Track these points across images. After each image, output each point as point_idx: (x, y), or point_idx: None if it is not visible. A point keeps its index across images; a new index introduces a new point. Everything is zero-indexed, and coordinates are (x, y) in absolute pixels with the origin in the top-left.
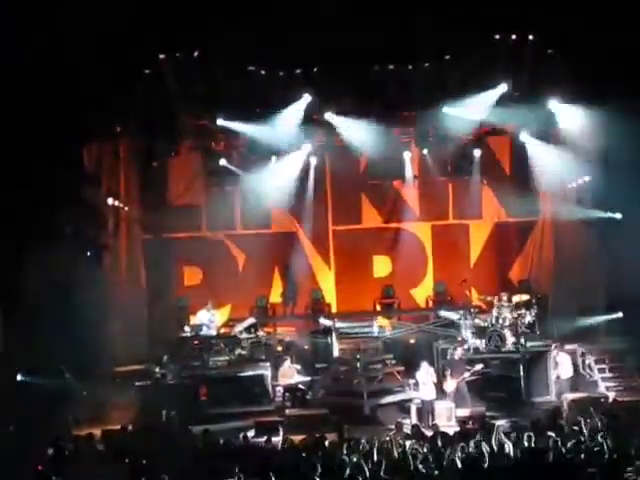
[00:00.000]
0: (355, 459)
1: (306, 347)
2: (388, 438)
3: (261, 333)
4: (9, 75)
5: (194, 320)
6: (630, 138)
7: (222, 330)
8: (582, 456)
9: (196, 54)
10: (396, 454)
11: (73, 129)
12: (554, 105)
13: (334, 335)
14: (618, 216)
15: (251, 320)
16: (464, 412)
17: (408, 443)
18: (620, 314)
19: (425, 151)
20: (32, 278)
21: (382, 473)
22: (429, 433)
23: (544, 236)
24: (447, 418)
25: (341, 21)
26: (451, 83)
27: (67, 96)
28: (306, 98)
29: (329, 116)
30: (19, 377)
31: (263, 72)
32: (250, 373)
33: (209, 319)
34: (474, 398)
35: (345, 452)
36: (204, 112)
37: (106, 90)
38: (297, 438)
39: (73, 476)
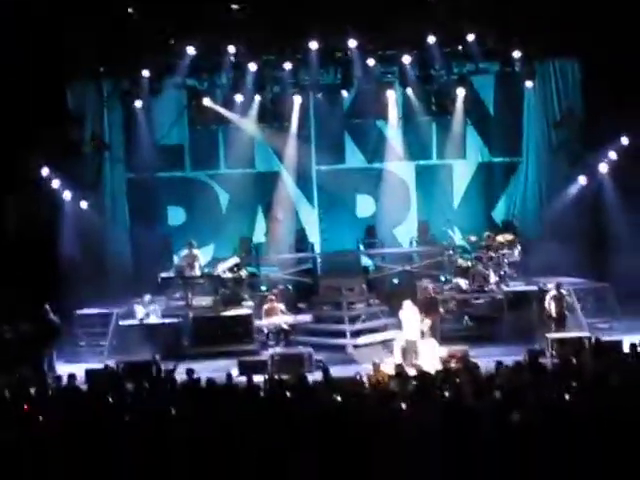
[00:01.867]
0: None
1: (290, 287)
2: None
3: (245, 272)
4: None
5: (176, 261)
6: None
7: (206, 270)
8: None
9: None
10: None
11: (56, 68)
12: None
13: (318, 275)
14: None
15: (235, 259)
16: (446, 351)
17: (392, 383)
18: (603, 253)
19: (409, 90)
20: (12, 218)
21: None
22: (413, 372)
23: (528, 176)
24: (430, 357)
25: None
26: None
27: (50, 36)
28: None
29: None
30: None
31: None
32: (233, 313)
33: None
34: (455, 337)
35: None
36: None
37: (88, 29)
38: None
39: (56, 416)
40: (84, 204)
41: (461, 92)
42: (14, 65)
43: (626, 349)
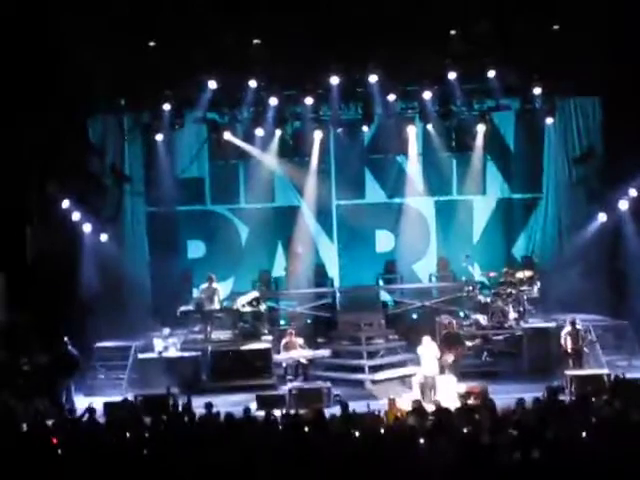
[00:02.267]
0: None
1: (309, 321)
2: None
3: (264, 307)
4: (16, 46)
5: (196, 294)
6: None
7: (225, 303)
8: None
9: None
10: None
11: (78, 100)
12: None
13: (337, 310)
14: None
15: (254, 293)
16: (465, 387)
17: (410, 418)
18: (623, 290)
19: (429, 126)
20: (32, 249)
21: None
22: (431, 408)
23: (548, 212)
24: (448, 393)
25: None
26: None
27: (72, 68)
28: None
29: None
30: None
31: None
32: (252, 347)
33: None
34: (475, 374)
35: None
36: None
37: (110, 62)
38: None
39: (78, 448)
40: (104, 237)
41: (481, 128)
42: (37, 96)
43: None
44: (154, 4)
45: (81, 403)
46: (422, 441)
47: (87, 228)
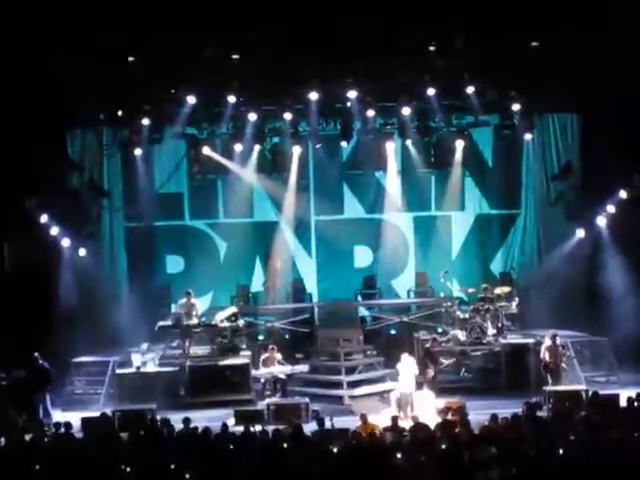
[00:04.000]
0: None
1: (287, 336)
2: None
3: (242, 322)
4: None
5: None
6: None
7: (203, 319)
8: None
9: None
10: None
11: (57, 115)
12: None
13: (315, 325)
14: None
15: (232, 309)
16: (442, 403)
17: (387, 434)
18: (601, 306)
19: (408, 142)
20: (9, 263)
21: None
22: (408, 424)
23: (526, 228)
24: (427, 409)
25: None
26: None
27: (51, 82)
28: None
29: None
30: None
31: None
32: (231, 362)
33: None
34: (453, 390)
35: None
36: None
37: (89, 76)
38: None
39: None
40: (82, 252)
41: (460, 144)
42: (14, 110)
43: (623, 403)
44: (133, 20)
45: (59, 418)
46: (399, 456)
47: (65, 243)
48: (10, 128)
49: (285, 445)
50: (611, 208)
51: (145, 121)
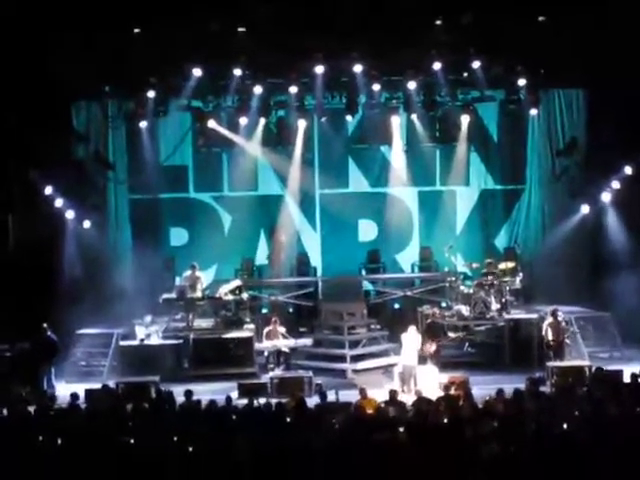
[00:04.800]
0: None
1: (291, 310)
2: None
3: (246, 295)
4: None
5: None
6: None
7: (207, 291)
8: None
9: None
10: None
11: (62, 87)
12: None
13: (319, 299)
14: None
15: (237, 282)
16: (446, 378)
17: (390, 409)
18: (605, 282)
19: (413, 116)
20: (14, 236)
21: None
22: (411, 398)
23: (530, 204)
24: (430, 383)
25: None
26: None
27: (56, 53)
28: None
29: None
30: None
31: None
32: (234, 335)
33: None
34: (457, 364)
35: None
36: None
37: (94, 49)
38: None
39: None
40: (87, 224)
41: (465, 119)
42: (19, 82)
43: (626, 379)
44: None
45: (62, 390)
46: (402, 431)
47: (70, 215)
48: (14, 100)
49: (288, 419)
50: (616, 184)
51: (150, 94)
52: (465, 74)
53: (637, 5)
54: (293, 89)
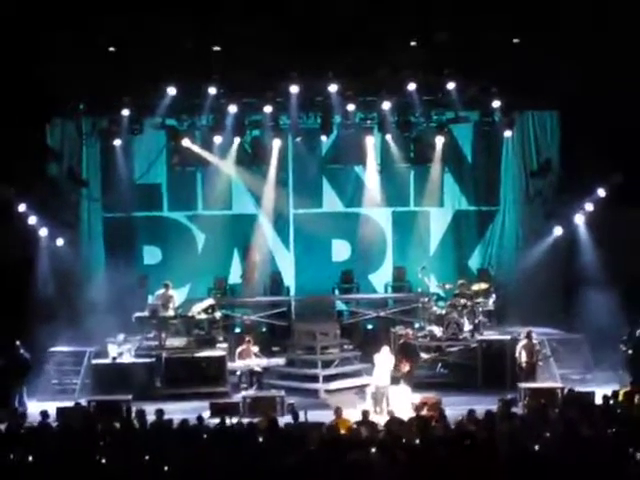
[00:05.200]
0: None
1: (264, 329)
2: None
3: (219, 314)
4: None
5: (151, 300)
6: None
7: (180, 310)
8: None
9: None
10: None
11: (37, 103)
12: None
13: (292, 318)
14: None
15: (209, 301)
16: (418, 398)
17: (362, 429)
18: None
19: (388, 137)
20: None
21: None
22: (384, 419)
23: (504, 225)
24: (402, 404)
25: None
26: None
27: (31, 70)
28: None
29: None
30: None
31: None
32: (207, 354)
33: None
34: (429, 385)
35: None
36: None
37: (69, 67)
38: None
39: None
40: (60, 241)
41: (440, 140)
42: None
43: (598, 400)
44: (114, 10)
45: (34, 408)
46: (374, 451)
47: (43, 232)
48: None
49: (260, 438)
50: (589, 206)
51: (125, 112)
52: (440, 95)
53: (611, 28)
54: (268, 108)
